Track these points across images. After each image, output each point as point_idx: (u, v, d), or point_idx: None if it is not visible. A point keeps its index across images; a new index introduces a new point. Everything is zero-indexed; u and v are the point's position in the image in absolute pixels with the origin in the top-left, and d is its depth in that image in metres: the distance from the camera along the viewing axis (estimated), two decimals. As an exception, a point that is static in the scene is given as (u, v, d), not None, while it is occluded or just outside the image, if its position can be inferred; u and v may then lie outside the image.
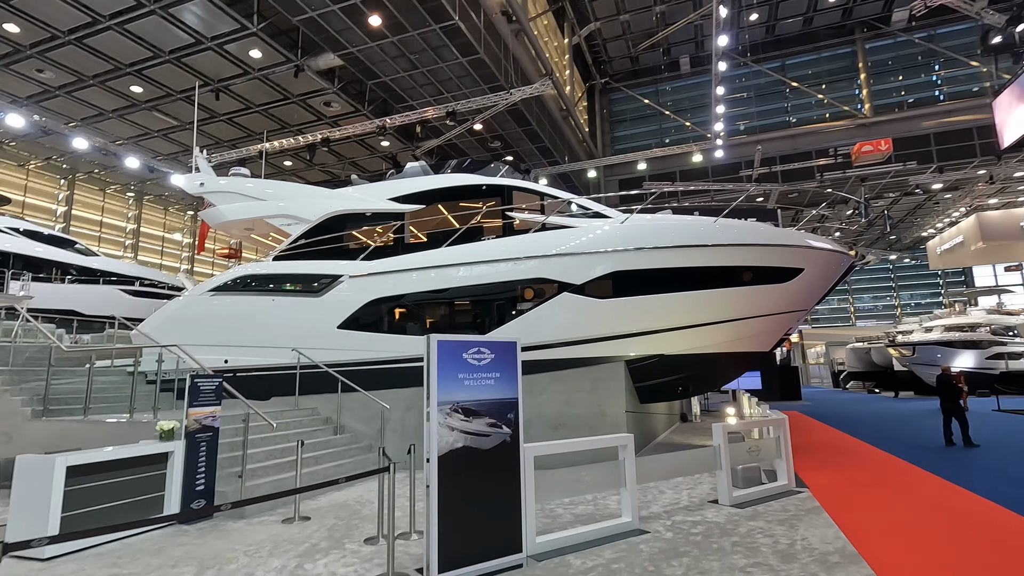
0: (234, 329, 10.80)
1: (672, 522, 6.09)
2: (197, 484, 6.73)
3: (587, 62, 38.36)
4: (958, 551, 4.99)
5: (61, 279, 23.05)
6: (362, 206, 11.17)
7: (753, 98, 38.42)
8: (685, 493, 7.56)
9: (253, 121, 27.33)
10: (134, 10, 19.41)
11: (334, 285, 10.57)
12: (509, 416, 5.20)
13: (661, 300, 9.86)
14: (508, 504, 5.06)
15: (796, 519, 6.08)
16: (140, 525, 5.70)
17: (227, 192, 11.78)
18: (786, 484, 7.51)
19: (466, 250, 10.27)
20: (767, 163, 33.92)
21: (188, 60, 22.44)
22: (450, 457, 4.78)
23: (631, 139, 40.55)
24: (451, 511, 4.70)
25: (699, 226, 10.13)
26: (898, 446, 11.67)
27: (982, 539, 5.33)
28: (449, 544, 4.64)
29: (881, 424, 16.19)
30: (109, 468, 6.00)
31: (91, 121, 26.74)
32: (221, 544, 5.71)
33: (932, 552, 4.98)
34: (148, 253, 38.51)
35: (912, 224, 42.68)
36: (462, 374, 4.99)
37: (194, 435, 6.78)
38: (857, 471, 8.97)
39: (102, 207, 35.90)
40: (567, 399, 10.12)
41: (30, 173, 32.03)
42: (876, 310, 53.40)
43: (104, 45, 21.20)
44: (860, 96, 35.94)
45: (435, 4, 18.81)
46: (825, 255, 10.53)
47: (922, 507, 6.57)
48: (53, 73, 22.73)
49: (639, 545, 5.33)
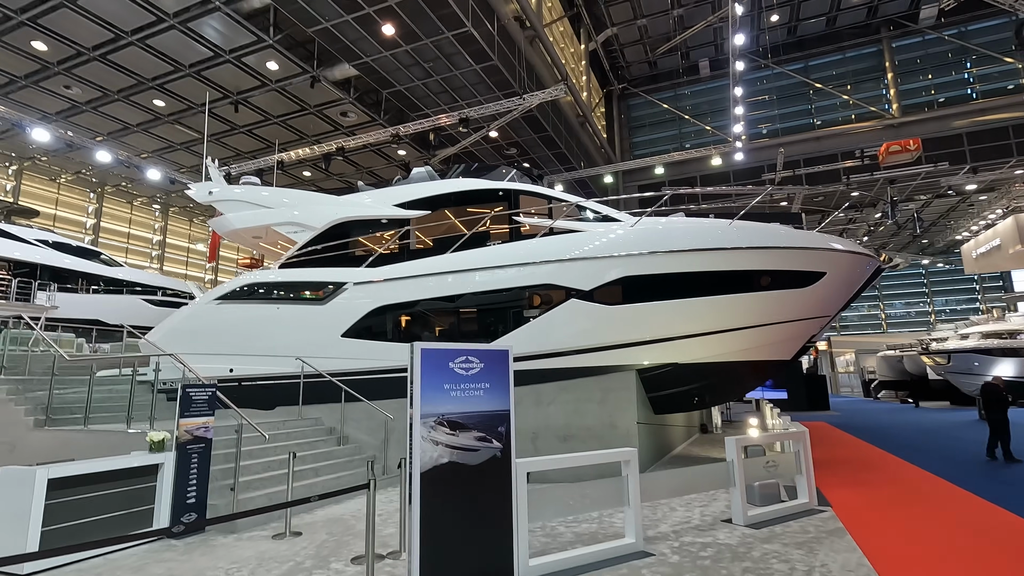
0: (240, 338, 10.72)
1: (680, 544, 5.68)
2: (188, 497, 6.55)
3: (604, 68, 38.06)
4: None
5: (86, 289, 23.56)
6: (367, 212, 11.02)
7: (775, 100, 37.61)
8: (698, 511, 7.12)
9: (272, 132, 27.69)
10: (155, 25, 19.84)
11: (338, 293, 10.41)
12: (500, 429, 4.89)
13: (673, 306, 9.44)
14: (498, 524, 4.73)
15: (816, 542, 5.61)
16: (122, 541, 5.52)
17: (235, 200, 11.77)
18: (807, 502, 7.01)
19: (471, 256, 10.01)
20: (791, 166, 33.04)
21: (208, 73, 22.83)
22: (434, 473, 4.49)
23: (650, 144, 40.03)
24: (435, 530, 4.39)
25: (713, 229, 9.70)
26: (932, 460, 10.98)
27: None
28: (432, 566, 4.33)
29: (914, 436, 15.36)
30: (95, 480, 5.85)
31: (117, 135, 27.43)
32: (205, 561, 5.49)
33: (968, 583, 4.49)
34: (174, 263, 39.30)
35: (945, 227, 41.13)
36: (448, 384, 4.70)
37: (185, 446, 6.61)
38: (886, 488, 8.39)
39: (129, 219, 36.78)
40: (576, 409, 9.74)
41: (61, 187, 32.99)
42: (909, 317, 51.59)
43: (127, 60, 21.70)
44: (887, 96, 34.87)
45: (448, 12, 18.77)
46: (848, 258, 9.98)
47: (958, 530, 6.02)
48: (80, 89, 23.35)
49: (641, 570, 4.94)
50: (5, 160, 29.94)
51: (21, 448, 8.26)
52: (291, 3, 17.98)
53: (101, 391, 9.93)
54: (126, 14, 19.18)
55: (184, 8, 19.16)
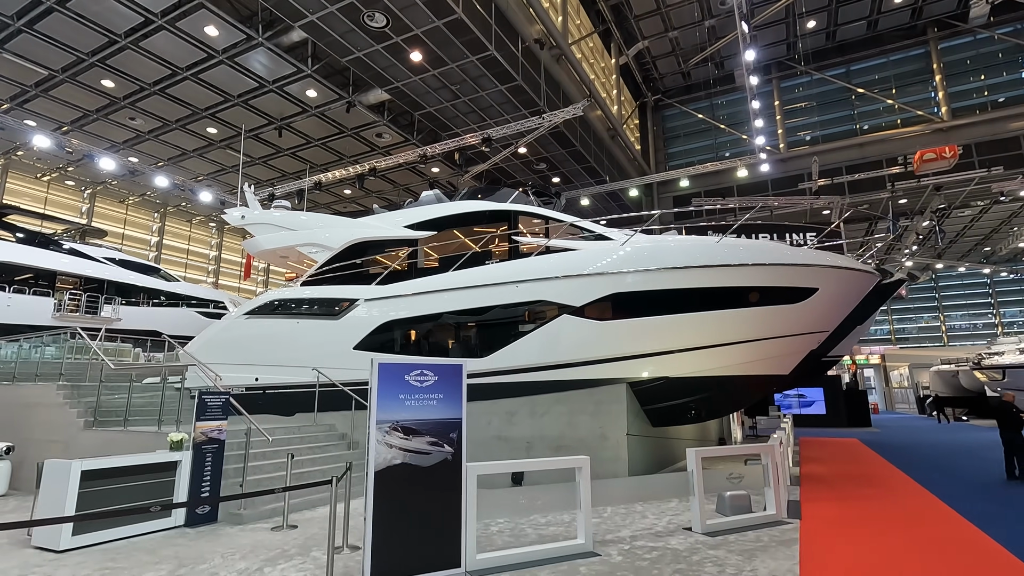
0: (264, 349, 11.75)
1: (630, 547, 6.07)
2: (202, 491, 7.44)
3: (637, 80, 38.24)
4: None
5: (147, 303, 25.74)
6: (379, 234, 11.90)
7: (816, 107, 36.70)
8: (666, 519, 7.44)
9: (314, 154, 29.45)
10: (206, 61, 21.72)
11: (351, 308, 11.29)
12: (451, 436, 5.47)
13: (662, 322, 9.78)
14: (448, 520, 5.30)
15: (761, 550, 5.88)
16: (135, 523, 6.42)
17: (264, 224, 12.92)
18: (774, 514, 7.21)
19: (470, 274, 10.67)
20: (831, 174, 32.13)
21: (254, 102, 24.67)
22: (388, 473, 5.12)
23: (686, 155, 39.78)
24: (387, 524, 5.01)
25: (700, 247, 9.99)
26: (944, 481, 10.71)
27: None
28: (384, 555, 4.94)
29: (941, 456, 14.83)
30: (122, 474, 6.81)
31: (176, 160, 29.86)
32: (208, 547, 6.31)
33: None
34: (228, 278, 41.91)
35: (1008, 234, 38.81)
36: (403, 395, 5.33)
37: (200, 446, 7.52)
38: (867, 505, 8.40)
39: (188, 236, 39.61)
40: (570, 420, 10.19)
41: (129, 208, 36.00)
42: (974, 329, 48.69)
43: (183, 93, 23.78)
44: (936, 99, 33.45)
45: (471, 37, 19.69)
46: (843, 274, 10.03)
47: (913, 554, 6.11)
48: (143, 120, 25.70)
49: (580, 567, 5.38)
50: (81, 185, 33.05)
51: (73, 446, 9.45)
52: (326, 36, 19.35)
53: (145, 397, 11.14)
54: (181, 53, 21.12)
55: (232, 45, 20.93)
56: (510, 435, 10.32)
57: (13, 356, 13.14)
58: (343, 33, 19.12)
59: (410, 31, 19.07)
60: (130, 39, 20.11)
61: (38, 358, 12.64)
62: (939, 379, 34.85)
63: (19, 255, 21.51)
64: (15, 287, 20.90)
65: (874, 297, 12.13)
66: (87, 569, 5.51)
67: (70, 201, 33.13)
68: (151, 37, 20.18)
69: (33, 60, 21.13)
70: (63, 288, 22.52)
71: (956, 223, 38.27)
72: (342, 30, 18.82)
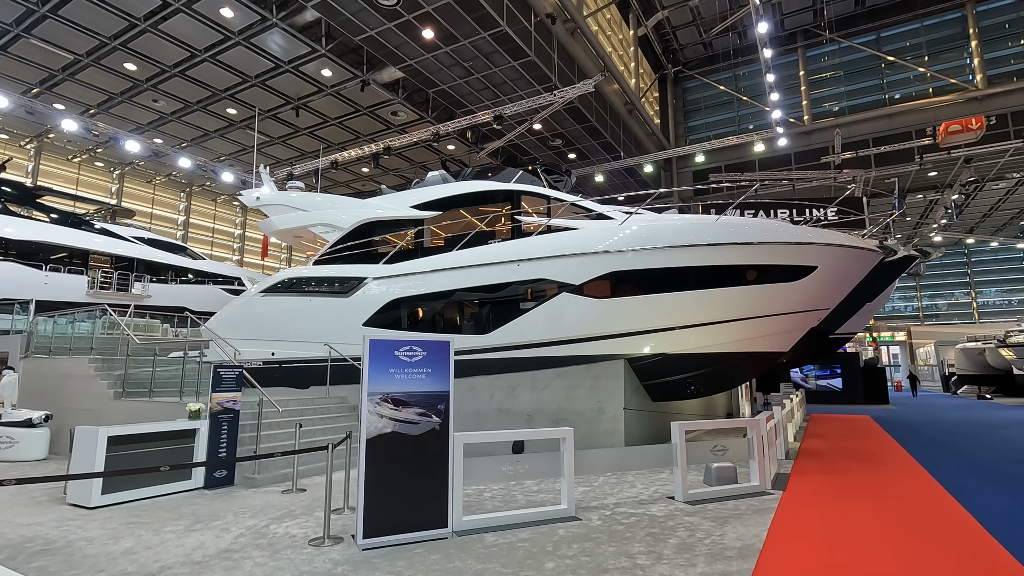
0: (279, 325, 12.32)
1: (611, 513, 6.42)
2: (220, 456, 8.02)
3: (656, 52, 37.43)
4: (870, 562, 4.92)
5: (175, 280, 26.73)
6: (386, 214, 12.24)
7: (843, 76, 35.50)
8: (654, 488, 7.77)
9: (331, 133, 29.82)
10: (224, 43, 22.12)
11: (360, 287, 11.72)
12: (439, 407, 5.84)
13: (659, 300, 9.97)
14: (436, 485, 5.71)
15: (735, 518, 6.17)
16: (158, 484, 6.99)
17: (278, 204, 13.37)
18: (757, 485, 7.48)
19: (473, 253, 10.97)
20: (856, 147, 31.25)
21: (271, 82, 25.05)
22: (378, 440, 5.53)
23: (707, 128, 39.02)
24: (377, 486, 5.44)
25: (698, 225, 10.08)
26: (950, 459, 10.76)
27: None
28: (375, 515, 5.39)
29: (955, 435, 14.78)
30: (145, 440, 7.41)
31: (199, 140, 30.58)
32: (223, 506, 6.88)
33: (838, 558, 4.94)
34: (252, 255, 43.00)
35: (1045, 208, 37.37)
36: (393, 369, 5.70)
37: (216, 416, 8.08)
38: (855, 479, 8.59)
39: (214, 215, 40.66)
40: (568, 395, 10.53)
41: (156, 188, 37.07)
42: (1008, 305, 47.31)
43: (202, 75, 24.28)
44: (971, 66, 32.06)
45: (483, 13, 19.62)
46: (843, 252, 10.04)
47: (882, 517, 6.33)
48: (165, 102, 26.36)
49: (559, 530, 5.76)
50: (110, 166, 34.13)
51: (105, 414, 10.17)
52: (338, 15, 19.50)
53: (170, 370, 11.82)
54: (199, 35, 21.53)
55: (248, 26, 21.24)
56: (511, 408, 10.72)
57: (50, 331, 14.00)
58: (355, 12, 19.23)
59: (421, 8, 19.07)
60: (149, 22, 20.57)
61: (72, 333, 13.44)
62: (964, 356, 34.15)
63: (54, 235, 22.51)
64: (51, 266, 21.95)
65: (884, 274, 12.06)
66: (114, 523, 6.11)
67: (100, 182, 34.30)
68: (169, 20, 20.60)
69: (58, 44, 21.80)
70: (96, 266, 23.55)
71: (990, 196, 36.99)
72: (354, 9, 18.94)
